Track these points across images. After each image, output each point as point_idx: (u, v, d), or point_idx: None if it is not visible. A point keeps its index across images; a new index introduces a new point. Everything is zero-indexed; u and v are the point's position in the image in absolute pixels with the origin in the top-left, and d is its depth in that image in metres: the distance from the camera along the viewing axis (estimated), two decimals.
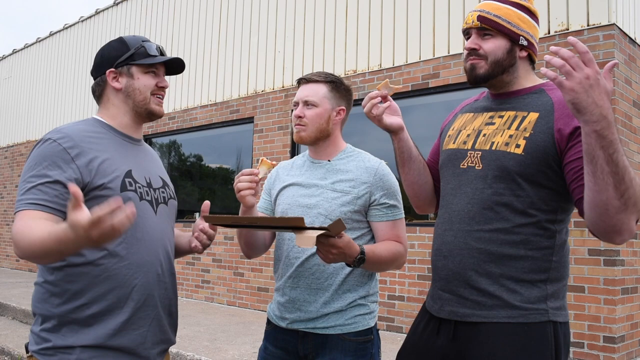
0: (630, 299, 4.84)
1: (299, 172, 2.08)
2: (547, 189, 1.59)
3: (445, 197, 1.77)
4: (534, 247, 1.58)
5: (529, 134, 1.59)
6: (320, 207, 1.95)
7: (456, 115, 1.91)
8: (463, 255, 1.64)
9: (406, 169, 1.90)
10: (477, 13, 1.70)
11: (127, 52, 1.75)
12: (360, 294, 1.95)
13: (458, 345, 1.64)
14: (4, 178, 12.96)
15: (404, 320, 5.79)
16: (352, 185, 1.96)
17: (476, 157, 1.67)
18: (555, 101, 1.61)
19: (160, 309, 1.72)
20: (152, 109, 1.78)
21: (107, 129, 1.74)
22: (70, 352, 1.56)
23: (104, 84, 1.77)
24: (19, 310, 6.90)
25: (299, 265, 1.95)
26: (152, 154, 1.91)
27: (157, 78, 1.79)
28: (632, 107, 5.03)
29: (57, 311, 1.58)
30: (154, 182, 1.78)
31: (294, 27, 7.34)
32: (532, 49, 1.72)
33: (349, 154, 2.05)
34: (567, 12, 5.05)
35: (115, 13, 10.44)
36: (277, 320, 2.01)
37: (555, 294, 1.60)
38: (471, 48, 1.70)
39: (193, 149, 9.16)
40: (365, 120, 1.93)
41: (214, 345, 5.07)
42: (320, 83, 2.04)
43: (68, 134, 1.62)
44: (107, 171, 1.62)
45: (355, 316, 1.92)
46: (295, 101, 2.06)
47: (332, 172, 2.01)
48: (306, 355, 1.94)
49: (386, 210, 1.97)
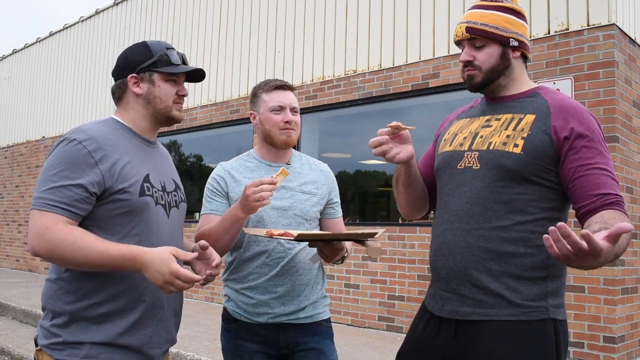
0: (630, 299, 4.84)
1: (257, 174, 2.13)
2: (546, 187, 1.61)
3: (442, 198, 1.78)
4: (534, 244, 1.60)
5: (526, 134, 1.62)
6: (295, 209, 2.10)
7: (451, 121, 1.93)
8: (464, 253, 1.65)
9: (411, 189, 1.91)
10: (464, 25, 1.73)
11: (150, 59, 1.75)
12: (324, 286, 2.22)
13: (459, 343, 1.65)
14: (4, 178, 12.96)
15: (404, 320, 5.79)
16: (316, 187, 2.18)
17: (473, 158, 1.69)
18: (551, 104, 1.65)
19: (167, 310, 1.75)
20: (172, 115, 1.80)
21: (126, 131, 1.75)
22: (80, 348, 1.58)
23: (125, 87, 1.77)
24: (19, 310, 6.90)
25: (285, 264, 2.06)
26: (166, 156, 1.93)
27: (178, 86, 1.80)
28: (632, 107, 5.03)
29: (69, 308, 1.60)
30: (167, 186, 1.80)
31: (294, 27, 7.34)
32: (524, 47, 1.75)
33: (298, 157, 2.26)
34: (567, 12, 5.05)
35: (115, 13, 10.44)
36: (250, 316, 2.07)
37: (555, 291, 1.62)
38: (466, 60, 1.74)
39: (193, 149, 9.17)
40: (364, 121, 1.93)
41: (214, 345, 5.07)
42: (293, 92, 2.20)
43: (92, 135, 1.62)
44: (128, 175, 1.64)
45: (325, 305, 2.19)
46: (281, 106, 2.12)
47: (293, 174, 2.15)
48: (287, 344, 2.07)
49: (337, 208, 2.27)
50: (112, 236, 1.61)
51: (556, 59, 5.03)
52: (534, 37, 5.18)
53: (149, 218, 1.67)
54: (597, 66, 4.79)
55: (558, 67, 5.00)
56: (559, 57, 5.01)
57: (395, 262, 5.93)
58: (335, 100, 6.69)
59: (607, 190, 1.53)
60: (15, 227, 12.29)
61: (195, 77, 1.86)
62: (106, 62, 10.11)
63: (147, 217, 1.67)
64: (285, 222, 2.07)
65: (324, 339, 2.12)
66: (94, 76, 10.55)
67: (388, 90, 6.24)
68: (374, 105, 6.48)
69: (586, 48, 4.87)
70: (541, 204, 1.61)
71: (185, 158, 9.25)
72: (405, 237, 5.86)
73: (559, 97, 1.68)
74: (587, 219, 1.53)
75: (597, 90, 4.76)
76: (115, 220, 1.62)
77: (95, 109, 10.40)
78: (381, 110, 6.49)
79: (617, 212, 1.51)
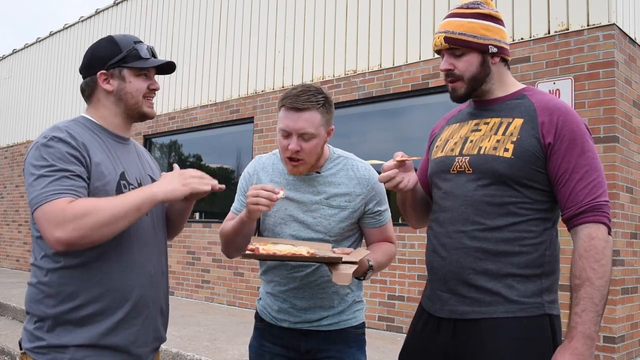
0: (630, 299, 4.84)
1: (284, 180, 1.99)
2: (537, 189, 1.65)
3: (437, 202, 1.80)
4: (528, 243, 1.64)
5: (516, 139, 1.64)
6: (319, 225, 1.95)
7: (442, 127, 1.95)
8: (460, 255, 1.68)
9: (417, 207, 1.94)
10: (442, 35, 1.74)
11: (119, 54, 1.71)
12: (357, 293, 2.07)
13: (458, 342, 1.67)
14: (4, 178, 12.96)
15: (404, 320, 5.79)
16: (348, 200, 1.96)
17: (464, 162, 1.71)
18: (537, 106, 1.67)
19: (152, 308, 1.73)
20: (144, 112, 1.77)
21: (98, 129, 1.72)
22: (64, 352, 1.57)
23: (94, 84, 1.74)
24: (19, 310, 6.90)
25: (303, 277, 1.96)
26: (140, 152, 1.89)
27: (149, 80, 1.77)
28: (632, 107, 5.03)
29: (51, 312, 1.58)
30: (144, 182, 1.77)
31: (294, 27, 7.34)
32: (503, 52, 1.76)
33: (335, 162, 2.01)
34: (567, 12, 5.05)
35: (115, 13, 10.45)
36: (276, 321, 2.02)
37: (550, 288, 1.66)
38: (446, 69, 1.75)
39: (193, 149, 9.16)
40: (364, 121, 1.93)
41: (214, 345, 5.07)
42: (314, 110, 1.85)
43: (72, 133, 1.61)
44: (104, 173, 1.62)
45: (354, 312, 2.05)
46: (286, 131, 1.86)
47: (323, 184, 1.97)
48: (309, 350, 1.98)
49: (379, 217, 2.03)
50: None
51: (556, 59, 5.03)
52: (534, 37, 5.18)
53: None
54: (597, 66, 4.79)
55: (558, 67, 5.00)
56: (559, 57, 5.01)
57: (395, 262, 5.92)
58: (335, 100, 6.68)
59: (581, 200, 1.58)
60: (15, 227, 12.29)
61: (166, 69, 1.82)
62: None
63: None
64: (307, 236, 1.94)
65: (349, 347, 2.00)
66: None
67: (388, 90, 6.24)
68: (374, 105, 6.48)
69: (586, 48, 4.87)
70: (533, 206, 1.65)
71: (185, 158, 9.24)
72: (405, 237, 5.87)
73: (545, 99, 1.70)
74: (569, 226, 1.62)
75: (597, 90, 4.76)
76: None
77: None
78: (381, 110, 6.49)
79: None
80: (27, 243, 11.81)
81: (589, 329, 1.50)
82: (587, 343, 1.50)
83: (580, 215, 1.58)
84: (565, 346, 1.52)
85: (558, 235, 1.73)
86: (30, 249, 11.61)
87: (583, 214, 1.57)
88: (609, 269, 1.54)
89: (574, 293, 1.54)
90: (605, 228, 1.57)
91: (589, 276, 1.52)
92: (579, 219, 1.58)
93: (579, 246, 1.57)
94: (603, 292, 1.52)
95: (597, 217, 1.56)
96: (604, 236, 1.55)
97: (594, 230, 1.56)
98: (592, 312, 1.51)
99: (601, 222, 1.56)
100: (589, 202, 1.57)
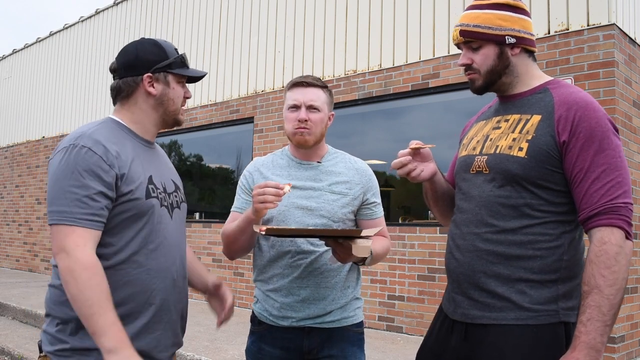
0: (630, 299, 4.84)
1: (286, 172, 2.07)
2: (553, 190, 1.58)
3: (457, 202, 1.78)
4: (543, 247, 1.57)
5: (531, 137, 1.58)
6: (322, 210, 2.00)
7: (472, 125, 1.91)
8: (472, 257, 1.64)
9: (440, 203, 1.91)
10: (459, 28, 1.71)
11: (167, 60, 1.73)
12: (356, 289, 2.10)
13: (469, 346, 1.65)
14: (4, 178, 12.96)
15: (403, 320, 5.79)
16: (348, 187, 2.05)
17: (482, 162, 1.67)
18: (557, 101, 1.59)
19: (174, 313, 1.72)
20: (179, 119, 1.80)
21: (126, 133, 1.71)
22: (88, 355, 1.53)
23: (136, 86, 1.71)
24: (19, 310, 6.90)
25: (307, 265, 1.98)
26: (163, 156, 1.90)
27: (184, 88, 1.80)
28: (632, 107, 5.03)
29: (74, 314, 1.53)
30: (168, 187, 1.77)
31: (294, 27, 7.34)
32: (523, 42, 1.69)
33: (334, 155, 2.14)
34: (567, 12, 5.05)
35: (115, 13, 10.44)
36: (275, 320, 2.02)
37: (568, 293, 1.57)
38: (464, 64, 1.73)
39: (193, 149, 9.16)
40: (364, 121, 1.94)
41: (214, 345, 5.07)
42: (319, 88, 2.06)
43: (98, 140, 1.58)
44: (134, 178, 1.61)
45: (355, 309, 2.07)
46: (295, 104, 2.02)
47: (324, 173, 2.06)
48: (311, 350, 1.99)
49: (374, 208, 2.12)
50: (120, 240, 1.58)
51: (556, 59, 5.03)
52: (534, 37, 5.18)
53: (154, 220, 1.65)
54: (597, 66, 4.79)
55: (558, 67, 5.00)
56: (559, 57, 5.01)
57: (395, 262, 5.92)
58: (335, 100, 6.63)
59: (596, 202, 1.49)
60: (15, 227, 12.29)
61: (193, 79, 1.85)
62: (106, 62, 10.10)
63: (153, 219, 1.64)
64: (311, 222, 1.98)
65: (351, 346, 2.02)
66: (94, 76, 10.55)
67: (388, 90, 6.24)
68: (374, 105, 6.48)
69: (586, 48, 4.87)
70: (550, 207, 1.57)
71: (185, 158, 9.24)
72: (405, 237, 5.86)
73: (567, 92, 1.60)
74: (585, 230, 1.55)
75: (597, 90, 4.76)
76: (123, 224, 1.59)
77: (95, 109, 10.39)
78: (381, 111, 6.49)
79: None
80: (27, 243, 11.81)
81: (593, 339, 1.42)
82: (591, 354, 1.42)
83: (594, 217, 1.49)
84: (567, 356, 1.45)
85: (581, 238, 1.64)
86: (30, 249, 11.61)
87: (596, 216, 1.48)
88: (621, 276, 1.44)
89: (582, 300, 1.46)
90: (620, 232, 1.46)
91: (598, 283, 1.43)
92: (592, 221, 1.49)
93: (590, 251, 1.48)
94: (613, 302, 1.43)
95: (611, 220, 1.47)
96: (617, 241, 1.45)
97: (606, 234, 1.46)
98: (599, 322, 1.42)
99: (616, 226, 1.46)
100: (604, 203, 1.47)
